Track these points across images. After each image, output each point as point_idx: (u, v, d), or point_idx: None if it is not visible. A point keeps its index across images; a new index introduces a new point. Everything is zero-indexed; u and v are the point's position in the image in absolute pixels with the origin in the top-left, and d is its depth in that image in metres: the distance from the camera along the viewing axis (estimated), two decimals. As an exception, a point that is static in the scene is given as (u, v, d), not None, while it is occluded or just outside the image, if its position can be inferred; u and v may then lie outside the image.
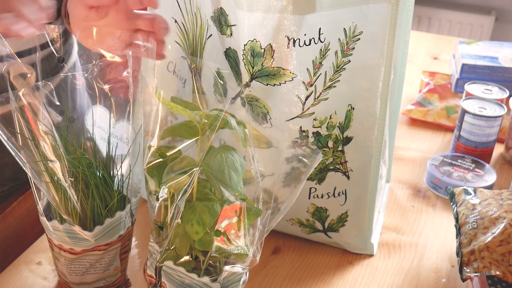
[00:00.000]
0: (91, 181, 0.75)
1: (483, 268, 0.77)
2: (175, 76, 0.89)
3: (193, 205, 0.66)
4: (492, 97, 1.15)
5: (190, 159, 0.69)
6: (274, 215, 0.71)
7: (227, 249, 0.66)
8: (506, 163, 1.18)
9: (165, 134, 0.70)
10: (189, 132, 0.69)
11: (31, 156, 0.72)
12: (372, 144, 0.85)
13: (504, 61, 1.34)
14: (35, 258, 0.88)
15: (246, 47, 0.78)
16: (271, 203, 0.72)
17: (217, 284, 0.67)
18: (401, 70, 0.95)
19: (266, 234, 0.70)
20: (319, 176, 0.86)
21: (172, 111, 0.68)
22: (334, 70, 0.80)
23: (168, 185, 0.66)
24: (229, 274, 0.68)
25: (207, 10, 0.81)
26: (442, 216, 1.02)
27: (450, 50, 1.65)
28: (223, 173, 0.67)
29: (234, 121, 0.69)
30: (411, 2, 0.88)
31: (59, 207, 0.75)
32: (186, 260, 0.68)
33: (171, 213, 0.67)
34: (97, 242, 0.77)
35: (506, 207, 0.82)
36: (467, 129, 1.13)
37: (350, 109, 0.83)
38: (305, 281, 0.87)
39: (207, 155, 0.67)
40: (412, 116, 1.31)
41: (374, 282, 0.87)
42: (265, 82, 0.80)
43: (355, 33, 0.79)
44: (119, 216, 0.77)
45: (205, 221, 0.65)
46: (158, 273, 0.69)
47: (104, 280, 0.81)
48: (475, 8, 2.70)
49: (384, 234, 0.97)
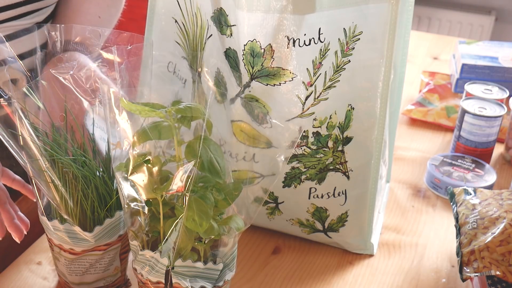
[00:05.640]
0: (91, 181, 0.75)
1: (483, 268, 0.77)
2: (175, 76, 0.89)
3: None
4: (492, 97, 1.15)
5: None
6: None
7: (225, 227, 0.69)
8: (506, 163, 1.18)
9: (140, 139, 0.68)
10: (166, 132, 0.68)
11: (31, 155, 0.72)
12: (372, 144, 0.85)
13: (504, 61, 1.33)
14: (35, 258, 0.88)
15: (246, 47, 0.78)
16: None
17: (220, 264, 0.69)
18: (401, 70, 0.95)
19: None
20: (319, 176, 0.86)
21: (141, 115, 0.67)
22: (334, 70, 0.80)
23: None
24: (225, 252, 0.70)
25: (207, 10, 0.81)
26: (442, 216, 1.02)
27: (450, 50, 1.65)
28: (211, 163, 0.67)
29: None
30: (411, 2, 0.88)
31: (59, 206, 0.75)
32: (190, 254, 0.69)
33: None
34: (97, 243, 0.77)
35: (506, 207, 0.82)
36: (467, 129, 1.13)
37: (350, 109, 0.83)
38: (305, 281, 0.87)
39: (189, 148, 0.67)
40: (412, 116, 1.31)
41: (374, 282, 0.87)
42: (265, 82, 0.80)
43: (355, 33, 0.79)
44: (119, 216, 0.77)
45: (207, 212, 0.66)
46: (169, 276, 0.69)
47: (104, 280, 0.81)
48: (475, 8, 2.70)
49: (384, 234, 0.97)
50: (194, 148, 0.67)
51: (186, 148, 0.68)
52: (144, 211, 0.69)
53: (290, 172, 0.86)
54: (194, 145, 0.67)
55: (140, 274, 0.71)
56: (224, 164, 0.68)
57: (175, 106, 0.68)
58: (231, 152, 0.84)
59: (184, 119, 0.68)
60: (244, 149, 0.83)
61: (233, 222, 0.70)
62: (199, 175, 0.67)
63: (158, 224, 0.69)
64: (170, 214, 0.69)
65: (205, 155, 0.67)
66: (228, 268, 0.71)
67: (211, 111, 0.69)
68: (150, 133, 0.68)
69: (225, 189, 0.69)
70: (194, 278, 0.69)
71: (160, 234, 0.69)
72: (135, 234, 0.71)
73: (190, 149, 0.67)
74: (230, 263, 0.72)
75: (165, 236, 0.68)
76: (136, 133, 0.69)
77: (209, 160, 0.67)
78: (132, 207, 0.69)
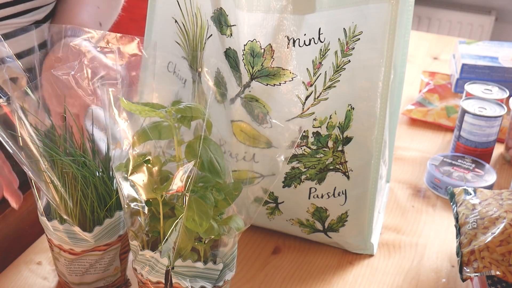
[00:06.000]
0: (90, 182, 0.75)
1: (483, 268, 0.77)
2: (175, 76, 0.89)
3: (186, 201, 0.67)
4: (492, 97, 1.15)
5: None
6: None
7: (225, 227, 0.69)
8: (506, 163, 1.18)
9: (140, 139, 0.69)
10: (166, 132, 0.69)
11: (31, 156, 0.72)
12: (372, 144, 0.85)
13: (504, 61, 1.33)
14: (35, 258, 0.88)
15: (246, 47, 0.78)
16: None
17: (220, 264, 0.69)
18: (401, 70, 0.95)
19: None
20: (319, 176, 0.86)
21: (141, 115, 0.68)
22: (334, 70, 0.80)
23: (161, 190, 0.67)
24: (225, 252, 0.70)
25: (207, 10, 0.81)
26: (442, 216, 1.02)
27: (450, 50, 1.65)
28: (211, 163, 0.67)
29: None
30: (411, 2, 0.88)
31: (59, 207, 0.75)
32: (189, 254, 0.69)
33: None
34: (97, 243, 0.77)
35: (506, 207, 0.82)
36: (467, 129, 1.13)
37: (350, 109, 0.83)
38: (305, 281, 0.87)
39: (189, 148, 0.67)
40: (412, 116, 1.31)
41: (374, 282, 0.87)
42: (265, 82, 0.80)
43: (355, 33, 0.79)
44: (119, 216, 0.77)
45: (207, 212, 0.66)
46: (169, 276, 0.69)
47: (104, 280, 0.81)
48: (475, 8, 2.70)
49: (384, 234, 0.97)
50: (194, 148, 0.67)
51: (186, 148, 0.68)
52: (144, 211, 0.69)
53: (290, 172, 0.86)
54: (194, 145, 0.67)
55: (140, 274, 0.71)
56: (224, 164, 0.68)
57: (175, 106, 0.68)
58: (231, 152, 0.84)
59: (184, 119, 0.68)
60: (244, 149, 0.83)
61: (233, 222, 0.70)
62: (199, 175, 0.67)
63: (158, 224, 0.70)
64: (170, 214, 0.69)
65: (205, 155, 0.67)
66: (228, 268, 0.71)
67: (211, 111, 0.69)
68: (150, 133, 0.68)
69: (225, 189, 0.69)
70: (194, 278, 0.69)
71: (160, 234, 0.69)
72: (135, 234, 0.71)
73: (190, 149, 0.67)
74: (230, 263, 0.72)
75: (165, 236, 0.68)
76: (136, 133, 0.69)
77: (209, 160, 0.67)
78: (132, 207, 0.69)
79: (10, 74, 0.77)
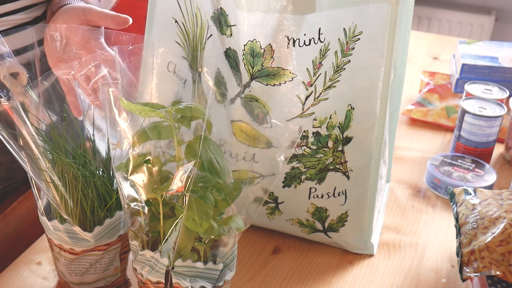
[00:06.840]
0: (91, 181, 0.75)
1: (483, 268, 0.77)
2: (175, 76, 0.89)
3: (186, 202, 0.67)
4: (492, 97, 1.15)
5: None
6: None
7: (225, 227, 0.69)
8: (506, 163, 1.18)
9: (140, 139, 0.68)
10: (166, 132, 0.69)
11: (31, 155, 0.72)
12: (372, 144, 0.85)
13: (504, 61, 1.33)
14: (35, 258, 0.88)
15: (246, 47, 0.78)
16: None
17: (220, 264, 0.69)
18: (401, 70, 0.95)
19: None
20: (319, 176, 0.86)
21: (141, 115, 0.68)
22: (334, 70, 0.80)
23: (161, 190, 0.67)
24: (225, 252, 0.70)
25: (207, 10, 0.81)
26: (442, 216, 1.02)
27: (450, 50, 1.65)
28: (211, 163, 0.67)
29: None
30: (411, 2, 0.88)
31: (59, 206, 0.75)
32: (189, 254, 0.69)
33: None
34: (97, 243, 0.77)
35: (506, 207, 0.82)
36: (467, 129, 1.13)
37: (350, 109, 0.83)
38: (305, 281, 0.87)
39: (189, 148, 0.67)
40: (412, 116, 1.31)
41: (374, 282, 0.87)
42: (265, 82, 0.80)
43: (355, 33, 0.79)
44: (119, 216, 0.77)
45: (207, 212, 0.66)
46: (169, 276, 0.69)
47: (104, 280, 0.81)
48: (475, 8, 2.70)
49: (384, 234, 0.97)
50: (194, 148, 0.67)
51: (186, 148, 0.68)
52: (144, 211, 0.69)
53: (290, 172, 0.86)
54: (194, 145, 0.67)
55: (140, 274, 0.71)
56: (224, 164, 0.68)
57: (175, 106, 0.68)
58: (231, 152, 0.84)
59: (184, 119, 0.68)
60: (244, 149, 0.83)
61: (233, 222, 0.70)
62: (199, 175, 0.67)
63: (158, 224, 0.70)
64: (170, 214, 0.69)
65: (205, 155, 0.67)
66: (228, 268, 0.71)
67: (211, 111, 0.69)
68: (150, 133, 0.68)
69: (225, 189, 0.69)
70: (194, 278, 0.69)
71: (160, 234, 0.69)
72: (135, 234, 0.71)
73: (190, 149, 0.67)
74: (230, 263, 0.72)
75: (165, 236, 0.68)
76: (136, 133, 0.69)
77: (209, 160, 0.67)
78: (132, 207, 0.69)
79: (10, 70, 0.76)
